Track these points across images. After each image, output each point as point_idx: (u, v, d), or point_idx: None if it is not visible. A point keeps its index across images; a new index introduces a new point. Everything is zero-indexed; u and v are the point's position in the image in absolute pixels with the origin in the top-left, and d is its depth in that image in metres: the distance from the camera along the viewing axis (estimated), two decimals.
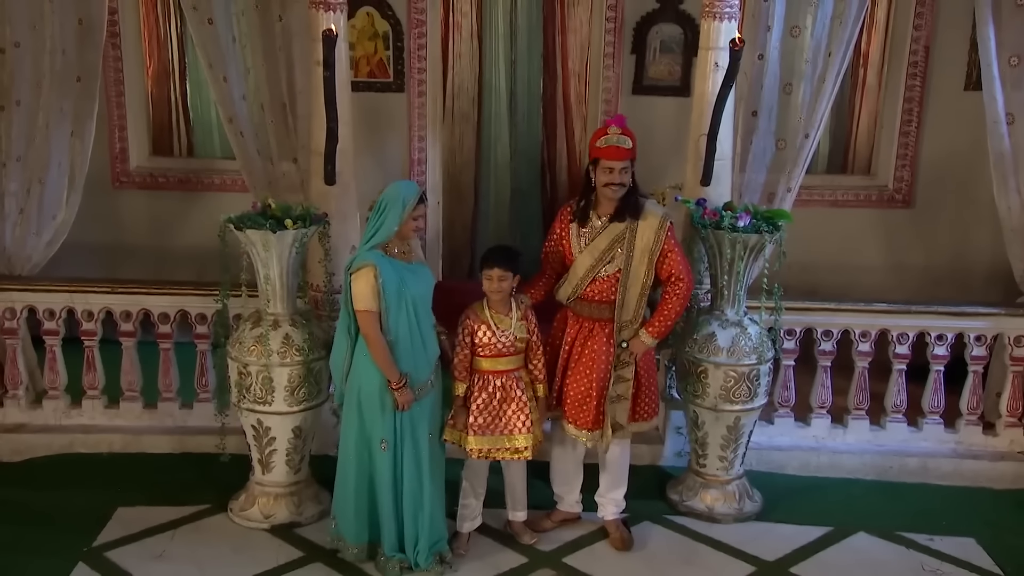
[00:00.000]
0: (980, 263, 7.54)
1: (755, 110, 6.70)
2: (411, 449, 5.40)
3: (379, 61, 7.97)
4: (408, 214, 5.23)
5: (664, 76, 8.01)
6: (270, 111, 6.71)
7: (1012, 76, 6.48)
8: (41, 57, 6.47)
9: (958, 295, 7.20)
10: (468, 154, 8.50)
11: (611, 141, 5.46)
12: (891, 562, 5.82)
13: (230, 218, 5.73)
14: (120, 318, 6.56)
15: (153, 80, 8.33)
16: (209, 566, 5.59)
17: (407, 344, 5.30)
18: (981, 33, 6.46)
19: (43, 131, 6.56)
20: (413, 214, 5.26)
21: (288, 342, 5.76)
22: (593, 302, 5.63)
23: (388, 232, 5.23)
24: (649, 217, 5.58)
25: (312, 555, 5.72)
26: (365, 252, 5.28)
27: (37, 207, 6.63)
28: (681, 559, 5.83)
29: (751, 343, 5.95)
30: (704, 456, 6.17)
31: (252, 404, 5.81)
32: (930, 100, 8.00)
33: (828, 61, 6.54)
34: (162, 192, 8.25)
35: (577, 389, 5.67)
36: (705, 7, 6.13)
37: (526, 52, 8.30)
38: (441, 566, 5.54)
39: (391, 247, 5.31)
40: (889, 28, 8.04)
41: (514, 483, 5.85)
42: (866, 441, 6.70)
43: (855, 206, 8.27)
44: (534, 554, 5.78)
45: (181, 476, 6.42)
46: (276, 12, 6.59)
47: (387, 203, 5.24)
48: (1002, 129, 6.53)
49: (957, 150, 7.75)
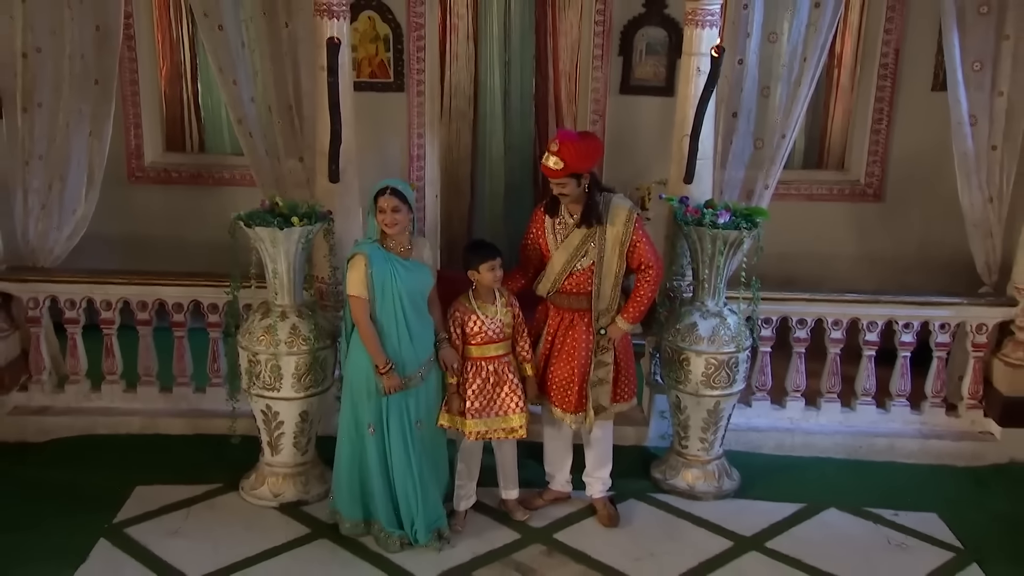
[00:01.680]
0: (945, 254, 7.53)
1: (735, 112, 6.67)
2: (398, 434, 5.42)
3: (380, 62, 7.96)
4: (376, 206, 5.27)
5: (650, 77, 8.01)
6: (277, 112, 6.66)
7: (975, 80, 6.49)
8: (61, 61, 6.45)
9: (925, 284, 7.21)
10: (464, 150, 8.55)
11: (546, 163, 5.44)
12: (859, 536, 5.85)
13: (240, 215, 5.72)
14: (137, 307, 6.57)
15: (166, 80, 8.32)
16: (222, 542, 5.59)
17: (392, 334, 5.31)
18: (946, 40, 6.46)
19: (63, 131, 6.54)
20: (379, 206, 5.26)
21: (295, 332, 5.77)
22: (571, 294, 5.65)
23: (372, 228, 5.31)
24: (618, 211, 5.59)
25: (318, 531, 5.74)
26: (362, 243, 5.35)
27: (58, 203, 6.62)
28: (664, 534, 5.84)
29: (730, 332, 5.96)
30: (686, 438, 6.19)
31: (261, 390, 5.82)
32: (899, 100, 8.02)
33: (803, 66, 6.51)
34: (175, 186, 8.25)
35: (560, 375, 5.70)
36: (688, 14, 6.13)
37: (519, 54, 8.34)
38: (439, 542, 5.57)
39: (388, 242, 5.33)
40: (861, 32, 8.06)
41: (506, 463, 5.88)
42: (837, 422, 6.73)
43: (829, 200, 8.30)
44: (526, 530, 5.81)
45: (195, 456, 6.42)
46: (283, 19, 6.52)
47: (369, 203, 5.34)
48: (966, 130, 6.54)
49: (924, 147, 7.75)
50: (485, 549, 5.63)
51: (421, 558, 5.50)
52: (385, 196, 5.24)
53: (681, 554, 5.65)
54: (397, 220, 5.25)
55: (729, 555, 5.66)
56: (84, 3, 6.38)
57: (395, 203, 5.25)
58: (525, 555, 5.61)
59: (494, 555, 5.59)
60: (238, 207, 6.26)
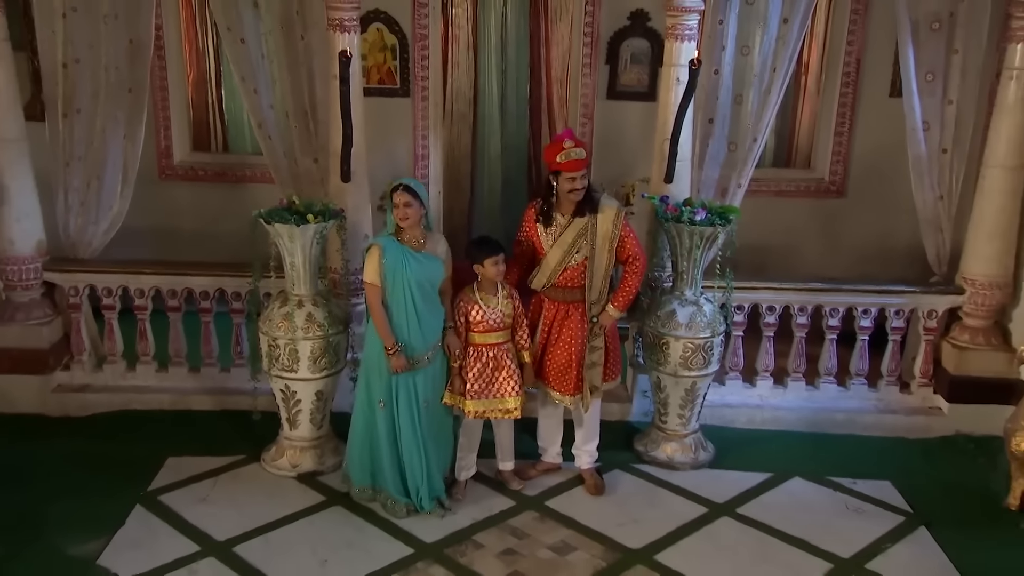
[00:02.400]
0: (901, 245, 7.52)
1: (711, 117, 6.66)
2: (406, 410, 5.45)
3: (387, 70, 7.91)
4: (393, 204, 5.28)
5: (634, 83, 7.96)
6: (294, 117, 6.65)
7: (928, 89, 6.50)
8: (98, 72, 6.43)
9: (883, 272, 7.21)
10: (465, 150, 8.48)
11: (570, 155, 5.43)
12: (821, 502, 5.90)
13: (260, 213, 5.72)
14: (167, 295, 6.58)
15: (193, 86, 8.27)
16: (246, 508, 5.63)
17: (401, 319, 5.34)
18: (902, 52, 6.47)
19: (100, 135, 6.54)
20: (393, 203, 5.28)
21: (311, 319, 5.78)
22: (565, 288, 5.65)
23: (390, 222, 5.33)
24: (606, 210, 5.59)
25: (333, 499, 5.78)
26: (379, 236, 5.37)
27: (96, 200, 6.63)
28: (646, 502, 5.88)
29: (706, 319, 5.98)
30: (665, 414, 6.21)
31: (280, 372, 5.84)
32: (860, 105, 7.98)
33: (773, 75, 6.51)
34: (201, 183, 8.21)
35: (558, 362, 5.71)
36: (668, 29, 6.13)
37: (515, 62, 8.26)
38: (442, 509, 5.60)
39: (403, 235, 5.35)
40: (826, 42, 8.02)
41: (503, 438, 5.91)
42: (802, 399, 6.75)
43: (797, 196, 8.26)
44: (521, 498, 5.85)
45: (221, 430, 6.45)
46: (299, 32, 6.51)
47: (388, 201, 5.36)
48: (919, 135, 6.55)
49: (883, 148, 7.72)
50: (484, 515, 5.66)
51: (425, 523, 5.54)
52: (399, 192, 5.27)
53: (661, 519, 5.67)
54: (408, 214, 5.28)
55: (704, 520, 5.70)
56: (118, 19, 6.36)
57: (407, 199, 5.28)
58: (519, 521, 5.64)
59: (491, 521, 5.62)
60: (258, 202, 6.27)
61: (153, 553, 5.16)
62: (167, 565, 5.13)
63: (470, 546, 5.40)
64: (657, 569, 5.25)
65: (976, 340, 6.69)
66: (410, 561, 5.25)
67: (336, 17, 6.01)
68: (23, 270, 6.46)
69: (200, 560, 5.20)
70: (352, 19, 6.06)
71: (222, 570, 5.14)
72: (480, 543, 5.42)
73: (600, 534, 5.53)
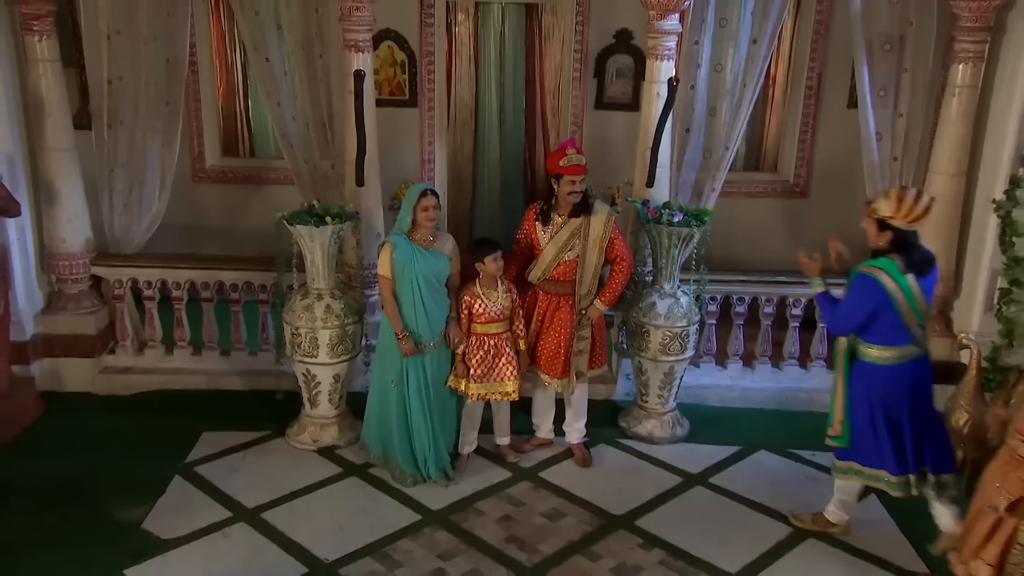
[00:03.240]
0: (858, 240, 7.29)
1: (688, 128, 6.70)
2: (415, 390, 5.47)
3: (397, 83, 7.88)
4: (416, 207, 5.29)
5: (619, 95, 7.93)
6: (313, 128, 6.70)
7: (881, 103, 6.52)
8: (139, 88, 6.47)
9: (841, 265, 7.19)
10: (467, 154, 8.47)
11: (572, 161, 5.46)
12: (784, 472, 5.94)
13: (284, 215, 5.74)
14: (200, 287, 6.60)
15: (223, 98, 8.25)
16: (272, 479, 5.65)
17: (409, 308, 5.37)
18: (858, 70, 6.48)
19: (141, 144, 6.57)
20: (421, 205, 5.30)
21: (329, 311, 5.80)
22: (558, 281, 5.67)
23: (404, 222, 5.33)
24: (599, 214, 5.61)
25: (349, 471, 5.81)
26: (393, 234, 5.38)
27: (137, 202, 6.66)
28: (629, 473, 5.90)
29: (682, 310, 6.01)
30: (646, 394, 6.24)
31: (302, 357, 5.87)
32: (821, 115, 7.97)
33: (743, 91, 6.55)
34: (231, 185, 8.20)
35: (549, 348, 5.73)
36: (650, 49, 6.13)
37: (512, 75, 8.24)
38: (446, 480, 5.64)
39: (415, 234, 5.35)
40: (791, 59, 8.01)
41: (501, 417, 5.93)
42: (768, 380, 6.75)
43: (765, 196, 8.25)
44: (517, 470, 5.88)
45: (250, 408, 6.45)
46: (318, 51, 6.58)
47: (404, 202, 5.37)
48: (873, 144, 6.57)
49: (841, 154, 7.70)
50: (484, 485, 5.69)
51: (432, 492, 5.57)
52: (427, 196, 5.32)
53: (641, 488, 5.70)
54: (434, 216, 5.34)
55: (680, 489, 5.73)
56: (157, 40, 6.38)
57: (435, 202, 5.35)
58: (516, 490, 5.67)
59: (491, 490, 5.65)
60: (281, 202, 6.32)
61: (191, 518, 5.19)
62: (203, 529, 5.16)
63: (472, 513, 5.42)
64: (637, 533, 5.27)
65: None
66: (419, 526, 5.27)
67: (351, 38, 6.03)
68: (73, 265, 6.49)
69: (232, 525, 5.22)
70: (366, 40, 6.08)
71: (252, 534, 5.16)
72: (481, 510, 5.45)
73: (587, 502, 5.56)
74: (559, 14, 7.97)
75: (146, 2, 6.30)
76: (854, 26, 6.42)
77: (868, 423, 4.87)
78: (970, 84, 6.22)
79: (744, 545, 5.20)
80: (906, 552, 5.19)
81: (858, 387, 4.89)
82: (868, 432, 4.88)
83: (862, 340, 4.87)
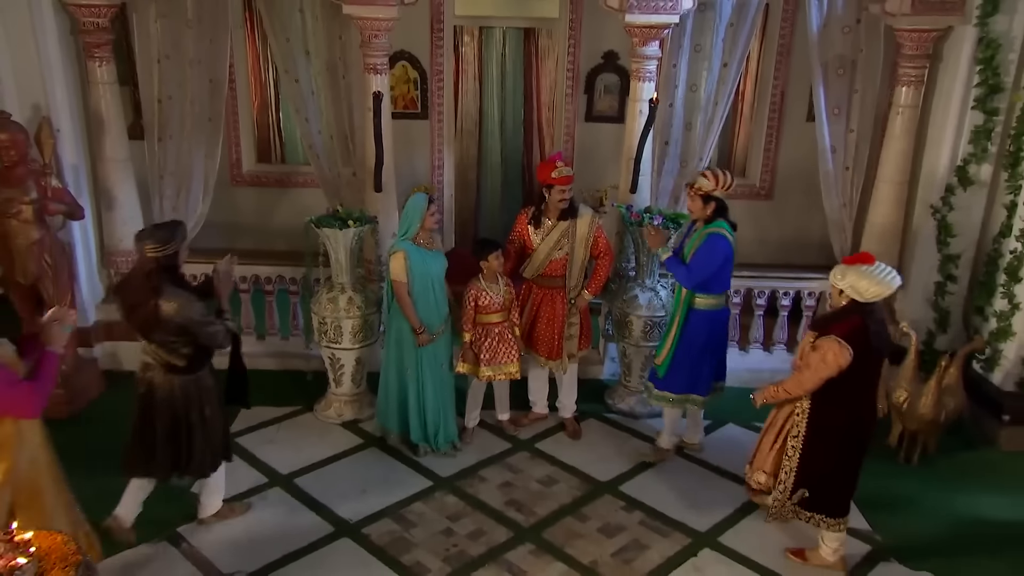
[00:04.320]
0: (815, 238, 7.58)
1: (667, 140, 6.74)
2: (429, 372, 5.50)
3: (411, 98, 7.93)
4: (425, 214, 5.31)
5: (606, 109, 7.96)
6: (337, 140, 6.73)
7: (835, 120, 6.55)
8: (184, 105, 6.50)
9: (801, 259, 7.20)
10: (472, 159, 8.49)
11: (562, 173, 5.50)
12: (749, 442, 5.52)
13: (312, 219, 5.79)
14: (238, 280, 6.53)
15: (257, 111, 8.29)
16: (303, 449, 5.73)
17: (424, 304, 5.38)
18: (815, 91, 6.52)
19: (187, 155, 6.60)
20: (429, 211, 5.32)
21: (351, 302, 5.87)
22: (550, 276, 5.71)
23: (413, 229, 5.31)
24: (583, 216, 5.64)
25: (369, 442, 5.86)
26: (400, 242, 5.35)
27: (184, 205, 6.69)
28: (613, 444, 5.96)
29: (661, 301, 6.05)
30: (629, 375, 6.30)
31: (328, 343, 5.94)
32: (784, 127, 8.01)
33: (715, 108, 6.59)
34: (264, 188, 8.24)
35: (544, 334, 5.78)
36: (633, 72, 6.17)
37: (512, 90, 8.26)
38: (453, 450, 5.70)
39: (418, 238, 5.35)
40: (758, 78, 8.03)
41: (502, 395, 5.99)
42: (736, 361, 6.45)
43: (734, 198, 7.51)
44: (516, 441, 5.93)
45: (282, 386, 6.47)
46: (341, 73, 6.61)
47: (409, 210, 5.34)
48: (828, 156, 6.60)
49: (801, 161, 7.73)
50: (487, 455, 5.76)
51: (442, 461, 5.64)
52: (433, 204, 5.37)
53: (625, 457, 5.77)
54: (439, 219, 5.43)
55: None
56: (201, 64, 6.41)
57: (436, 207, 5.46)
58: (515, 459, 5.74)
59: (493, 459, 5.72)
60: (308, 203, 6.36)
61: (233, 483, 5.18)
62: (243, 493, 5.23)
63: (476, 479, 5.49)
64: (621, 497, 5.35)
65: None
66: (430, 491, 5.34)
67: (371, 62, 6.07)
68: (129, 261, 6.39)
69: (269, 490, 5.31)
70: (383, 63, 6.12)
71: (286, 497, 5.24)
72: (484, 477, 5.52)
73: (577, 470, 5.61)
74: (554, 37, 7.98)
75: (192, 30, 6.33)
76: (812, 52, 6.46)
77: (696, 359, 5.39)
78: (912, 104, 6.27)
79: (713, 507, 5.28)
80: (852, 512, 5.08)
81: (691, 331, 5.34)
82: (690, 366, 5.40)
83: (696, 292, 5.29)
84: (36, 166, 5.80)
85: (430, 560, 4.76)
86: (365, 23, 5.96)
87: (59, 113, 6.12)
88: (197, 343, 4.42)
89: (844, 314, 4.34)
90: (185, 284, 4.46)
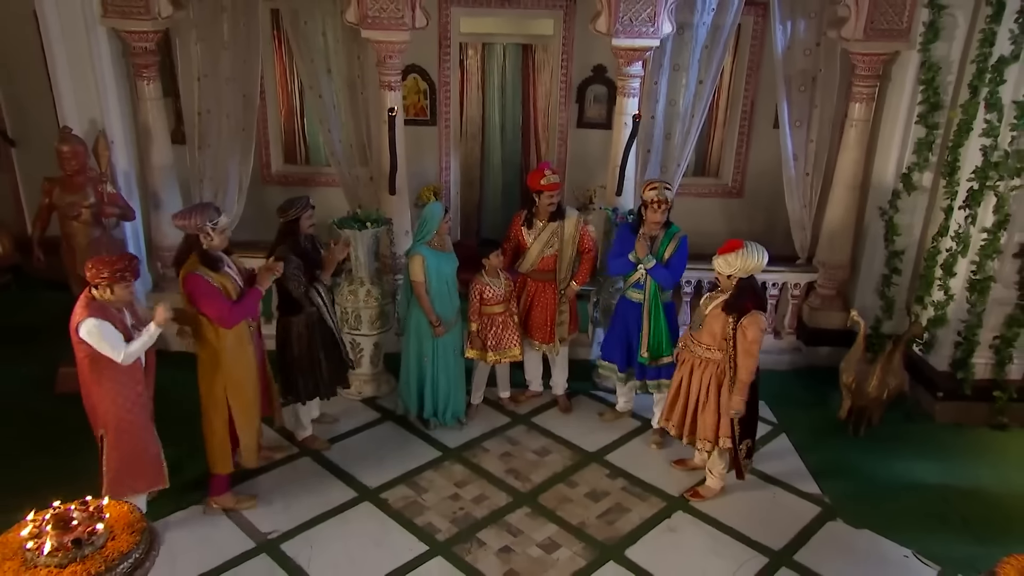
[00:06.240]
0: (780, 233, 7.48)
1: (649, 149, 6.78)
2: (443, 360, 5.60)
3: (421, 107, 7.99)
4: (441, 222, 5.39)
5: (596, 117, 7.99)
6: (356, 148, 6.79)
7: (796, 131, 6.62)
8: (220, 118, 6.55)
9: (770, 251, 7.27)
10: (475, 161, 8.53)
11: (550, 180, 5.55)
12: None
13: (335, 220, 5.87)
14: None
15: (284, 119, 8.31)
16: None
17: (440, 300, 5.45)
18: (780, 105, 6.58)
19: (223, 162, 6.65)
20: (444, 220, 5.41)
21: (369, 294, 5.97)
22: (543, 271, 5.78)
23: (430, 235, 5.38)
24: (570, 218, 5.71)
25: (386, 416, 5.96)
26: (417, 246, 5.40)
27: (222, 205, 6.55)
28: (600, 419, 6.02)
29: None
30: None
31: (350, 330, 6.02)
32: (753, 133, 8.07)
33: (692, 120, 6.62)
34: (291, 186, 8.18)
35: (538, 321, 5.85)
36: (619, 88, 6.19)
37: (511, 99, 8.31)
38: (459, 424, 5.82)
39: (434, 242, 5.42)
40: (731, 89, 8.08)
41: (503, 375, 6.10)
42: None
43: (710, 196, 8.30)
44: (515, 416, 6.03)
45: None
46: (359, 89, 6.68)
47: (427, 218, 5.38)
48: (791, 163, 6.67)
49: (768, 163, 7.73)
50: (489, 428, 5.85)
51: (449, 434, 5.75)
52: (448, 213, 5.45)
53: (610, 431, 5.87)
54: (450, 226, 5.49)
55: (639, 431, 5.89)
56: (235, 80, 6.45)
57: (449, 216, 5.50)
58: (514, 432, 5.84)
59: (495, 432, 5.82)
60: (330, 201, 6.41)
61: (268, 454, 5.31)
62: (278, 462, 5.37)
63: (480, 450, 5.59)
64: (606, 466, 5.47)
65: (826, 304, 6.86)
66: (439, 461, 5.46)
67: (386, 80, 6.15)
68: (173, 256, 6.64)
69: (300, 459, 5.44)
70: (397, 81, 6.19)
71: (313, 465, 5.39)
72: (486, 448, 5.62)
73: (568, 442, 5.72)
74: (549, 52, 8.02)
75: (227, 51, 6.40)
76: (777, 70, 6.52)
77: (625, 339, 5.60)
78: (864, 119, 6.36)
79: (685, 473, 5.42)
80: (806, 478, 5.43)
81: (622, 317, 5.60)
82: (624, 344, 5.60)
83: (633, 287, 5.47)
84: (94, 174, 5.95)
85: (440, 521, 4.90)
86: (381, 46, 6.03)
87: (112, 126, 6.24)
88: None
89: (742, 292, 4.75)
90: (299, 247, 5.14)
